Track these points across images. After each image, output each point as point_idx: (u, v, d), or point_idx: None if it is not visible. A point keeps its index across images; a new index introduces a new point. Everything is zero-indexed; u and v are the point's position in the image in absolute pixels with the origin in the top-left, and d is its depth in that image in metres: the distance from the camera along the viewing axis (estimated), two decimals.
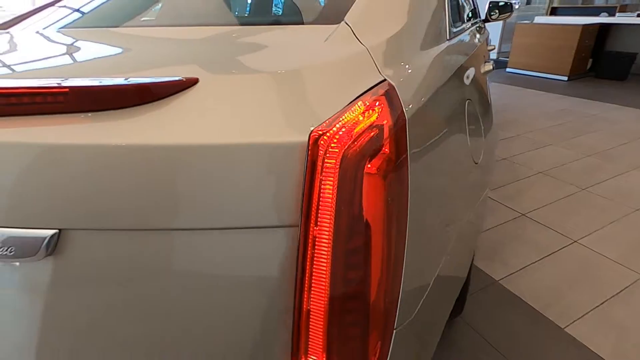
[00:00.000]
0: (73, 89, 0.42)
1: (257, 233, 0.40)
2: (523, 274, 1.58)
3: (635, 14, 5.08)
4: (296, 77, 0.48)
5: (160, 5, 0.96)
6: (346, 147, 0.40)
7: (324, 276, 0.41)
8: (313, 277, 0.41)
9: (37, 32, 0.83)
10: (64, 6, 1.07)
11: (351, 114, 0.43)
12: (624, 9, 5.40)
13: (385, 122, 0.45)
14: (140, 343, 0.44)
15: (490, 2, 2.61)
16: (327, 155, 0.39)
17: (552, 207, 2.06)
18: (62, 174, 0.40)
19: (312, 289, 0.41)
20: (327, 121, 0.41)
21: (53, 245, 0.41)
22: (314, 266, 0.41)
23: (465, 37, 1.11)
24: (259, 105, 0.43)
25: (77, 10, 1.01)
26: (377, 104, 0.46)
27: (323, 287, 0.41)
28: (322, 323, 0.41)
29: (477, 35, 1.55)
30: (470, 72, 0.97)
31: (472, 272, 1.58)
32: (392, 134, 0.45)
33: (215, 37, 0.64)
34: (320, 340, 0.42)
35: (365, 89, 0.48)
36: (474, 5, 2.03)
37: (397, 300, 0.45)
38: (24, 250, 0.41)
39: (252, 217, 0.40)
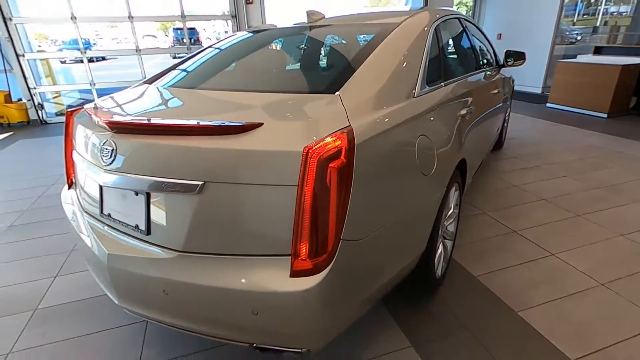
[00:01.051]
0: (212, 126, 1.03)
1: (281, 188, 0.97)
2: (498, 274, 1.96)
3: None
4: (307, 123, 1.05)
5: (225, 75, 1.64)
6: (320, 155, 0.95)
7: (308, 208, 0.96)
8: (304, 207, 0.96)
9: (158, 89, 1.53)
10: (176, 69, 1.79)
11: (328, 139, 0.99)
12: None
13: (343, 146, 1.00)
14: (233, 229, 1.03)
15: (506, 51, 3.08)
16: (311, 158, 0.95)
17: (543, 228, 2.39)
18: (205, 159, 1.01)
19: (303, 212, 0.96)
20: (314, 142, 0.97)
21: (201, 188, 1.01)
22: (304, 203, 0.96)
23: (439, 92, 1.62)
24: (287, 134, 1.00)
25: (177, 75, 1.71)
26: (341, 137, 1.01)
27: (307, 213, 0.96)
28: (307, 227, 0.96)
29: (470, 84, 2.04)
30: (431, 116, 1.48)
31: (454, 269, 2.01)
32: (346, 151, 1.00)
33: (272, 99, 1.25)
34: (307, 234, 0.96)
35: (338, 129, 1.03)
36: (477, 58, 2.51)
37: (343, 223, 0.99)
38: (189, 189, 1.02)
39: (280, 179, 0.96)
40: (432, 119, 1.47)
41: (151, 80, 1.74)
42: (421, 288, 1.73)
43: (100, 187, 1.26)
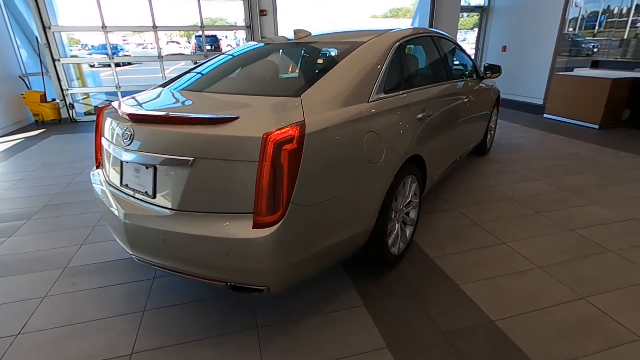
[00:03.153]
0: (201, 118, 1.42)
1: (247, 163, 1.34)
2: (451, 257, 2.28)
3: None
4: (273, 117, 1.43)
5: (223, 81, 2.03)
6: (275, 140, 1.32)
7: (265, 178, 1.33)
8: (262, 177, 1.33)
9: (170, 91, 1.94)
10: (189, 72, 2.20)
11: (284, 129, 1.36)
12: None
13: (295, 134, 1.37)
14: (201, 189, 1.41)
15: (485, 65, 3.41)
16: (268, 142, 1.32)
17: (502, 221, 2.69)
18: (195, 141, 1.40)
19: (262, 181, 1.33)
20: (271, 130, 1.34)
21: (192, 163, 1.40)
22: (262, 174, 1.33)
23: (395, 98, 1.97)
24: (254, 124, 1.38)
25: (186, 81, 2.11)
26: (294, 128, 1.38)
27: (265, 182, 1.33)
28: (264, 192, 1.33)
29: (433, 93, 2.39)
30: (383, 116, 1.82)
31: (414, 251, 2.33)
32: (297, 138, 1.37)
33: (252, 100, 1.63)
34: (264, 197, 1.33)
35: (293, 122, 1.40)
36: (448, 70, 2.85)
37: (292, 189, 1.35)
38: (183, 164, 1.41)
39: (246, 156, 1.33)
40: (383, 119, 1.82)
41: (165, 84, 2.16)
42: (378, 262, 2.07)
43: (121, 163, 1.66)
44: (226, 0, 7.10)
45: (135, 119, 1.54)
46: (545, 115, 6.18)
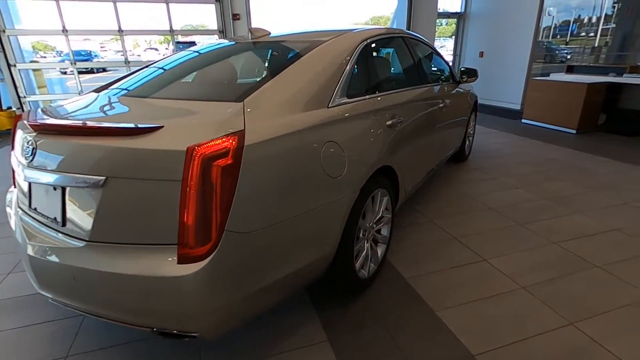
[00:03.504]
0: (116, 128, 1.16)
1: (170, 182, 1.09)
2: (427, 277, 2.06)
3: None
4: (204, 126, 1.18)
5: (165, 87, 1.77)
6: (204, 154, 1.08)
7: (191, 201, 1.08)
8: (188, 201, 1.08)
9: (108, 96, 1.66)
10: (126, 76, 1.93)
11: (216, 140, 1.12)
12: (635, 69, 5.56)
13: (232, 147, 1.13)
14: (119, 212, 1.15)
15: (461, 68, 3.25)
16: (195, 157, 1.07)
17: (482, 235, 2.50)
18: (106, 156, 1.13)
19: (187, 205, 1.08)
20: (199, 142, 1.09)
21: (103, 183, 1.14)
22: (188, 197, 1.08)
23: (360, 104, 1.75)
24: (179, 135, 1.13)
25: (127, 87, 1.83)
26: (230, 138, 1.14)
27: (191, 206, 1.08)
28: (190, 219, 1.08)
29: (404, 98, 2.18)
30: (345, 124, 1.60)
31: (387, 270, 2.10)
32: (233, 151, 1.12)
33: (186, 106, 1.38)
34: (190, 225, 1.08)
35: (230, 132, 1.16)
36: (421, 74, 2.66)
37: (227, 214, 1.10)
38: (93, 184, 1.14)
39: (167, 175, 1.08)
40: (345, 126, 1.60)
41: (98, 90, 1.88)
42: (344, 289, 1.83)
43: (29, 184, 1.38)
44: (198, 4, 6.83)
45: (38, 129, 1.27)
46: (523, 121, 6.13)
